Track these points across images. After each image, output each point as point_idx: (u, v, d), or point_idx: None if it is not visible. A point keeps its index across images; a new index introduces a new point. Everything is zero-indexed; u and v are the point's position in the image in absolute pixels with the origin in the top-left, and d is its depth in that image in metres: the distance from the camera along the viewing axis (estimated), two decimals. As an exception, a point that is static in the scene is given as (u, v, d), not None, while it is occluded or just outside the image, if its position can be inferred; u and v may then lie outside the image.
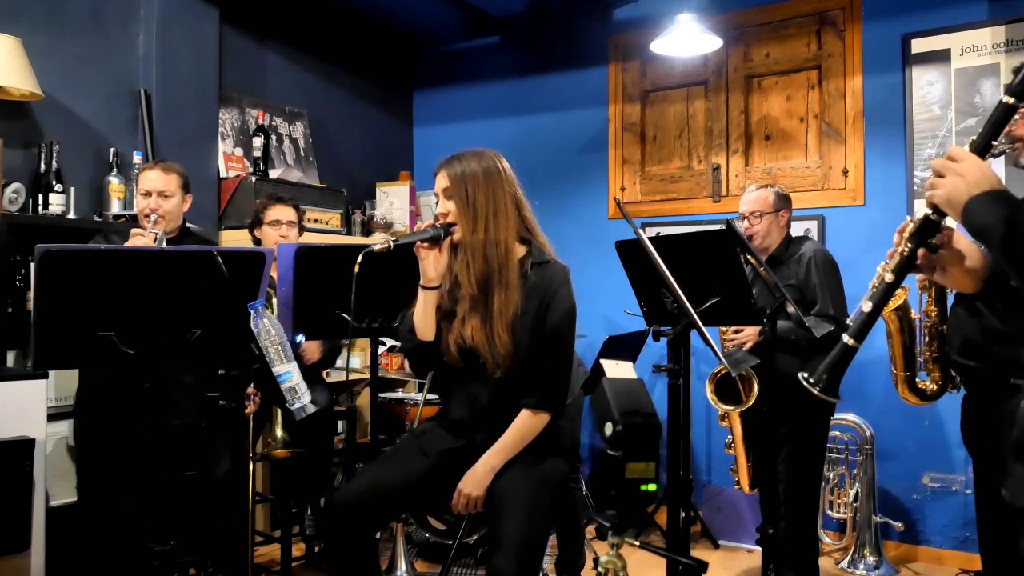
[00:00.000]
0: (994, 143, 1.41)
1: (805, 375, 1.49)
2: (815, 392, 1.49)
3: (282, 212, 3.35)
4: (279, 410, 3.18)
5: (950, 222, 1.46)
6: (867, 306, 1.48)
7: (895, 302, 2.63)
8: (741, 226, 3.29)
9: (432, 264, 2.19)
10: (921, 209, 4.11)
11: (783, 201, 3.32)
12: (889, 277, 1.46)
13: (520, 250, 2.20)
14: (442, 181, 2.18)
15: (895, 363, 2.72)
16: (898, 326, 2.59)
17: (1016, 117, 2.02)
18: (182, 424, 2.86)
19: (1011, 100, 1.40)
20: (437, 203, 2.22)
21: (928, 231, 1.43)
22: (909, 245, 1.44)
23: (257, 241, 3.39)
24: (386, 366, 4.35)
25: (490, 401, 2.18)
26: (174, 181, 3.02)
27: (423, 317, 2.22)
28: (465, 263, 2.15)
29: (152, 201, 2.95)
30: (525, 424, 2.15)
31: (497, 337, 2.10)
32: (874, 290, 1.49)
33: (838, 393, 1.49)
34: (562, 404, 2.21)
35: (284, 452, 3.20)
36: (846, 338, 1.48)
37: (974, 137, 1.42)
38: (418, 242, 2.17)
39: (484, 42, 5.18)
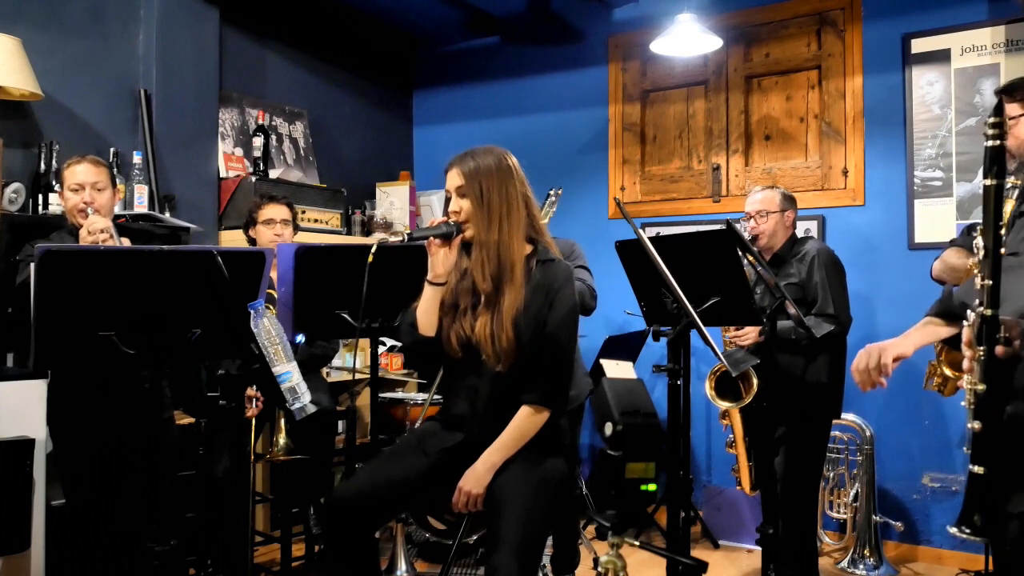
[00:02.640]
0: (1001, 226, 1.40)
1: (954, 528, 1.43)
2: (974, 539, 1.44)
3: (276, 211, 3.33)
4: (283, 417, 3.18)
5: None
6: (976, 425, 1.43)
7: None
8: (747, 225, 3.30)
9: (442, 260, 2.20)
10: (921, 209, 4.09)
11: (788, 202, 3.33)
12: (981, 387, 1.42)
13: (527, 248, 2.21)
14: (455, 179, 2.19)
15: None
16: None
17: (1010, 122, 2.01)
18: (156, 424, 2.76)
19: (992, 181, 1.39)
20: (448, 200, 2.23)
21: (993, 328, 1.40)
22: (983, 348, 1.40)
23: (252, 241, 3.37)
24: (386, 366, 4.35)
25: (490, 395, 2.19)
26: (104, 173, 2.88)
27: (426, 313, 2.23)
28: (480, 261, 2.16)
29: (86, 195, 2.81)
30: (525, 421, 2.15)
31: (504, 334, 2.11)
32: (972, 407, 1.44)
33: (995, 530, 1.45)
34: (563, 402, 2.21)
35: (286, 457, 3.20)
36: (974, 468, 1.43)
37: (981, 229, 1.40)
38: (431, 237, 2.18)
39: (484, 42, 5.18)
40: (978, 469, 1.40)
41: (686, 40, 3.90)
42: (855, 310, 3.26)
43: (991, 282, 1.37)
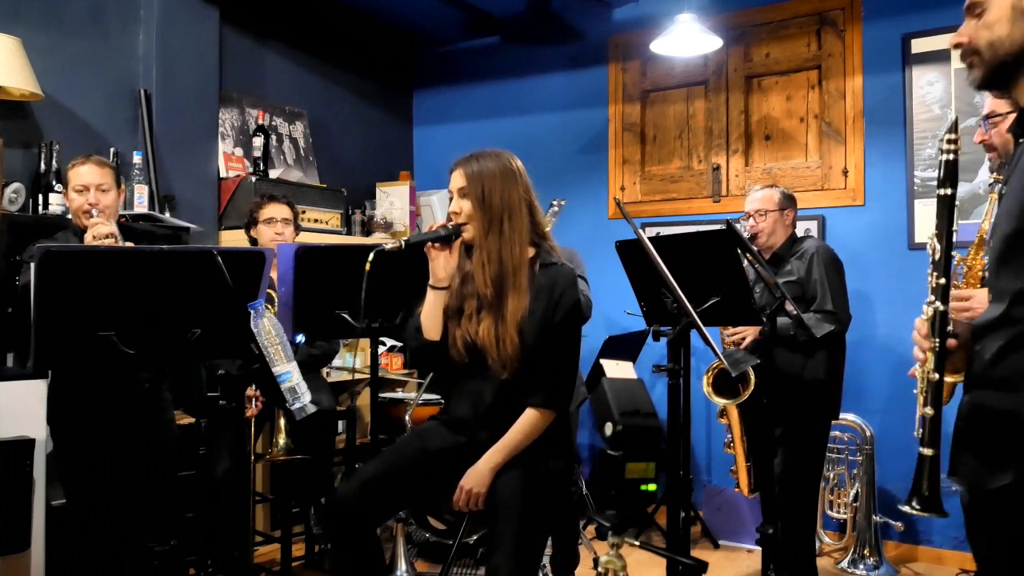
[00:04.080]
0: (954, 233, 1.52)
1: (905, 507, 1.54)
2: (923, 515, 1.58)
3: (277, 210, 3.33)
4: (283, 417, 3.18)
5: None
6: (928, 411, 1.55)
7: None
8: (746, 224, 3.30)
9: (442, 264, 2.20)
10: (921, 209, 4.07)
11: (788, 201, 3.33)
12: (934, 376, 1.53)
13: (530, 252, 2.21)
14: (458, 180, 2.19)
15: None
16: None
17: (987, 124, 2.12)
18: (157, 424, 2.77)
19: (948, 191, 1.50)
20: (451, 200, 2.23)
21: (944, 322, 1.52)
22: (937, 340, 1.51)
23: (253, 241, 3.37)
24: (386, 366, 4.35)
25: (494, 399, 2.18)
26: (109, 175, 2.88)
27: (431, 317, 2.23)
28: (481, 264, 2.16)
29: (91, 196, 2.80)
30: (530, 423, 2.15)
31: (509, 339, 2.11)
32: (925, 394, 1.56)
33: (942, 508, 1.58)
34: (567, 403, 2.21)
35: (286, 457, 3.20)
36: (922, 449, 1.56)
37: (935, 233, 1.51)
38: (429, 243, 2.17)
39: (484, 42, 5.18)
40: (927, 451, 1.56)
41: (686, 40, 3.90)
42: (855, 310, 3.25)
43: (944, 280, 1.49)
